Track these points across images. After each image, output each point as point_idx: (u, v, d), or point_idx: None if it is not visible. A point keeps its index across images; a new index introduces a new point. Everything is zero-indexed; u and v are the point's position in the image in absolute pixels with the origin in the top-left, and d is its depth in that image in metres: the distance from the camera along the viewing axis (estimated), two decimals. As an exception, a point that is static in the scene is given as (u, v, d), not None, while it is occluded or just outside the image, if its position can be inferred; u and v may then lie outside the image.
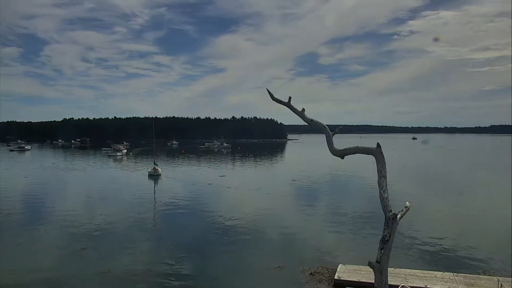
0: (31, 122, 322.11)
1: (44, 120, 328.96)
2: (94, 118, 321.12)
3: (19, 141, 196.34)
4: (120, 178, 71.67)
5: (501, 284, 17.84)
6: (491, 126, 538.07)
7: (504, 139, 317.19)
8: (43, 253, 26.39)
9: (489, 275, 21.00)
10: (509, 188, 55.72)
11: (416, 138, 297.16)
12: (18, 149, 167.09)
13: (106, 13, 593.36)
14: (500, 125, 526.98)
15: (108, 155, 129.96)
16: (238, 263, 24.47)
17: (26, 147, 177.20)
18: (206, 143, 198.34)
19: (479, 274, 21.30)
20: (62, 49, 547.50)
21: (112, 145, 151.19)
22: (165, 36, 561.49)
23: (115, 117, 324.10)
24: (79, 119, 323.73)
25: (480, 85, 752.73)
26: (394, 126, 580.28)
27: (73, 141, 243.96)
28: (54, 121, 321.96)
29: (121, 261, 24.47)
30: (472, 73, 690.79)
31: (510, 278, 19.77)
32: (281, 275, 22.17)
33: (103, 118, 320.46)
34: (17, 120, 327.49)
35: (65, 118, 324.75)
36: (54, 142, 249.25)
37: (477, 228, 32.97)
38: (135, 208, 41.37)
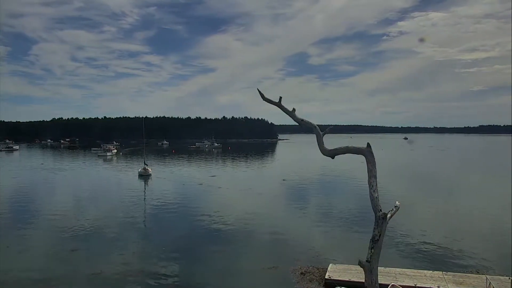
0: (19, 121, 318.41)
1: (32, 120, 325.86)
2: (83, 118, 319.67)
3: (7, 141, 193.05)
4: (110, 179, 71.21)
5: (490, 283, 18.03)
6: (480, 126, 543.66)
7: (493, 139, 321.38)
8: (33, 255, 26.03)
9: (477, 274, 21.23)
10: (497, 188, 56.51)
11: (407, 138, 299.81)
12: (6, 149, 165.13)
13: (95, 12, 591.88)
14: (489, 125, 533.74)
15: (98, 155, 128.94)
16: (229, 263, 24.42)
17: (14, 147, 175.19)
18: (196, 143, 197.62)
19: (468, 272, 21.49)
20: (50, 48, 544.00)
21: (101, 145, 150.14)
22: (155, 36, 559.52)
23: (104, 117, 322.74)
24: (68, 118, 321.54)
25: (468, 85, 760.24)
26: (384, 126, 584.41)
27: (62, 141, 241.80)
28: (43, 120, 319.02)
29: (113, 262, 24.26)
30: (460, 74, 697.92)
31: (498, 277, 20.03)
32: (272, 275, 22.18)
33: (93, 118, 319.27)
34: (5, 120, 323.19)
35: (54, 118, 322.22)
36: (43, 142, 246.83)
37: (465, 227, 33.27)
38: (126, 208, 41.11)
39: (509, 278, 18.84)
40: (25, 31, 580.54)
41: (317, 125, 16.24)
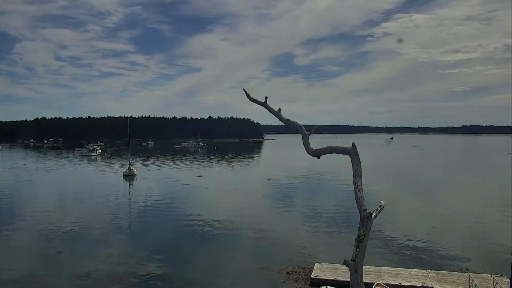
0: (0, 121, 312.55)
1: (15, 120, 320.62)
2: (67, 118, 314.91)
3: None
4: (94, 179, 70.32)
5: (472, 280, 18.29)
6: (463, 126, 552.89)
7: (476, 138, 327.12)
8: (17, 258, 25.51)
9: (461, 272, 21.53)
10: (479, 187, 57.41)
11: (393, 138, 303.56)
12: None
13: (79, 11, 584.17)
14: (472, 126, 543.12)
15: (82, 155, 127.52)
16: (215, 264, 24.32)
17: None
18: (182, 143, 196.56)
19: (451, 270, 21.76)
20: (34, 47, 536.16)
21: (86, 145, 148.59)
22: (140, 35, 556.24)
23: (89, 116, 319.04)
24: (51, 118, 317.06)
25: (451, 86, 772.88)
26: (369, 126, 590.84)
27: (45, 141, 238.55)
28: (26, 120, 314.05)
29: (101, 264, 23.91)
30: (444, 75, 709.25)
31: (481, 275, 20.34)
32: (258, 275, 22.15)
33: (77, 117, 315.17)
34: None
35: (37, 117, 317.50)
36: (25, 142, 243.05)
37: (449, 226, 33.66)
38: (111, 209, 40.67)
39: (492, 276, 19.13)
40: (7, 29, 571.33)
41: (302, 125, 16.31)
